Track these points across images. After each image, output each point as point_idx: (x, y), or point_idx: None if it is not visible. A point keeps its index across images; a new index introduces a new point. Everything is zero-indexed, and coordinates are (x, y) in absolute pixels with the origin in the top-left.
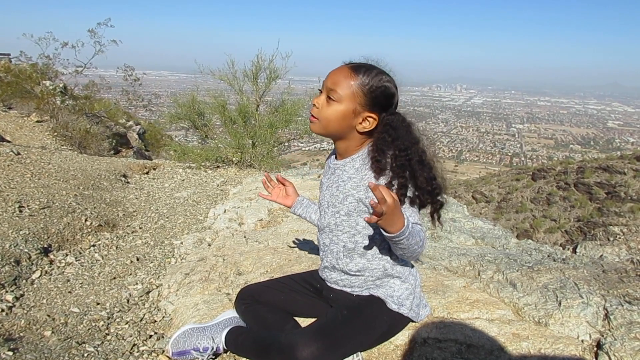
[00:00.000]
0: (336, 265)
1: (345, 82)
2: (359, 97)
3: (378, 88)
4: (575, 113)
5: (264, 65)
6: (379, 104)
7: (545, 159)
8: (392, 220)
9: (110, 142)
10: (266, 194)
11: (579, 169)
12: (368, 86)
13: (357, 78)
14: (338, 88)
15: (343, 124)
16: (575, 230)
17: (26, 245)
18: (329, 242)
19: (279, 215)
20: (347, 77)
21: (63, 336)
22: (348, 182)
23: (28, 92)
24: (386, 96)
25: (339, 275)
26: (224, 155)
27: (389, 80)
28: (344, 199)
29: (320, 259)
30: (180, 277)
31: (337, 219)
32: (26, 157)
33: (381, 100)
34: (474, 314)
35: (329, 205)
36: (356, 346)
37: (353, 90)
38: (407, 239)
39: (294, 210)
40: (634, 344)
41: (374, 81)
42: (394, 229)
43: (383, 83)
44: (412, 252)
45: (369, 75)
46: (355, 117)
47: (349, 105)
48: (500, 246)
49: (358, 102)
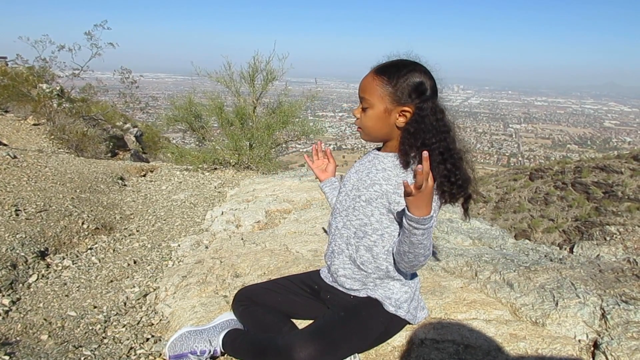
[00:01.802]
0: (344, 250)
1: (371, 86)
2: (386, 95)
3: (401, 80)
4: (572, 113)
5: (261, 67)
6: (408, 96)
7: (543, 158)
8: (423, 203)
9: (107, 144)
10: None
11: (576, 169)
12: (392, 82)
13: (380, 78)
14: (367, 94)
15: (382, 126)
16: (573, 230)
17: (23, 249)
18: (342, 226)
19: (276, 217)
20: (371, 81)
21: (60, 340)
22: (381, 172)
23: (25, 95)
24: (412, 86)
25: (343, 263)
26: (221, 157)
27: (413, 69)
28: (370, 185)
29: (327, 243)
30: (177, 279)
31: (356, 202)
32: (23, 161)
33: (408, 91)
34: (472, 315)
35: (353, 187)
36: (353, 348)
37: (379, 92)
38: (425, 233)
39: (322, 186)
40: (631, 344)
41: (396, 75)
42: (419, 213)
43: (405, 74)
44: (416, 255)
45: (390, 71)
46: (390, 116)
47: (379, 106)
48: (498, 246)
49: (387, 100)
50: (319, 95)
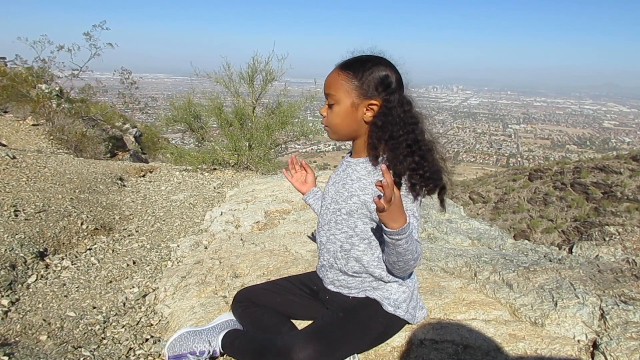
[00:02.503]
0: (333, 264)
1: (336, 82)
2: (353, 89)
3: (367, 73)
4: (571, 113)
5: (260, 68)
6: (375, 89)
7: (542, 159)
8: (397, 214)
9: (106, 145)
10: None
11: (576, 169)
12: (357, 76)
13: (346, 73)
14: (332, 90)
15: (350, 122)
16: (572, 230)
17: (22, 249)
18: (326, 241)
19: (275, 218)
20: (337, 77)
21: (59, 340)
22: (357, 182)
23: (24, 96)
24: (378, 79)
25: (336, 275)
26: (220, 157)
27: (377, 63)
28: (348, 197)
29: (317, 256)
30: (176, 280)
31: (337, 216)
32: (22, 161)
33: (375, 84)
34: (471, 315)
35: (332, 201)
36: (352, 348)
37: (345, 87)
38: (406, 242)
39: (305, 198)
40: (630, 344)
41: (361, 69)
42: (397, 225)
43: (371, 67)
44: (404, 262)
45: (355, 66)
46: (357, 110)
47: (346, 101)
48: (497, 247)
49: (354, 95)
50: (318, 95)
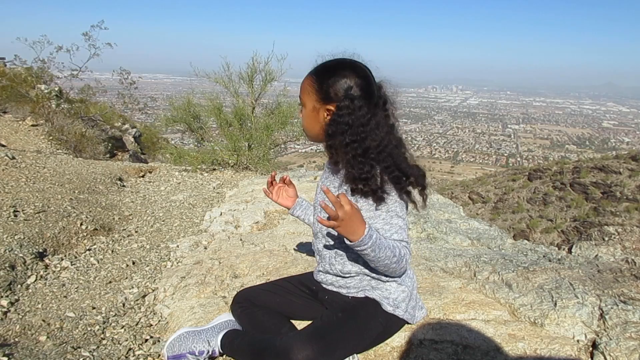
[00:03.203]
0: (330, 270)
1: (304, 86)
2: (313, 93)
3: (327, 79)
4: (570, 113)
5: (260, 68)
6: (334, 94)
7: (541, 159)
8: (352, 228)
9: (105, 145)
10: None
11: (575, 169)
12: (319, 80)
13: (311, 78)
14: (301, 94)
15: (314, 124)
16: (571, 230)
17: (21, 250)
18: (322, 248)
19: (275, 218)
20: (305, 82)
21: (58, 341)
22: (339, 190)
23: (23, 96)
24: (337, 85)
25: (334, 278)
26: (220, 157)
27: (341, 68)
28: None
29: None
30: (176, 280)
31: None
32: (21, 161)
33: (334, 89)
34: (470, 315)
35: (321, 209)
36: (352, 348)
37: (309, 90)
38: (373, 250)
39: (292, 212)
40: (629, 344)
41: (324, 74)
42: (355, 237)
43: (333, 73)
44: (383, 266)
45: (319, 71)
46: (318, 114)
47: (309, 104)
48: (496, 247)
49: (314, 98)
50: None
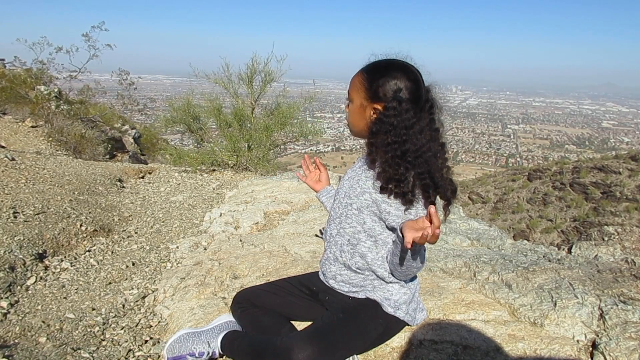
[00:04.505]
0: (339, 257)
1: (354, 82)
2: (362, 90)
3: (377, 78)
4: (570, 113)
5: (259, 69)
6: (383, 94)
7: (541, 159)
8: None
9: (105, 146)
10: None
11: (575, 169)
12: (369, 79)
13: (361, 75)
14: (350, 90)
15: (359, 120)
16: (571, 230)
17: (21, 251)
18: (336, 233)
19: (274, 219)
20: (355, 78)
21: (58, 342)
22: (370, 180)
23: (22, 97)
24: (387, 85)
25: (339, 270)
26: (219, 158)
27: (393, 69)
28: (360, 193)
29: (323, 250)
30: (176, 281)
31: (348, 210)
32: (21, 163)
33: (383, 89)
34: (470, 316)
35: (345, 195)
36: (352, 349)
37: (358, 87)
38: (416, 253)
39: (319, 196)
40: (629, 344)
41: (375, 73)
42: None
43: (384, 73)
44: (409, 267)
45: (371, 69)
46: (365, 111)
47: (357, 101)
48: (496, 247)
49: (363, 95)
50: (317, 96)
